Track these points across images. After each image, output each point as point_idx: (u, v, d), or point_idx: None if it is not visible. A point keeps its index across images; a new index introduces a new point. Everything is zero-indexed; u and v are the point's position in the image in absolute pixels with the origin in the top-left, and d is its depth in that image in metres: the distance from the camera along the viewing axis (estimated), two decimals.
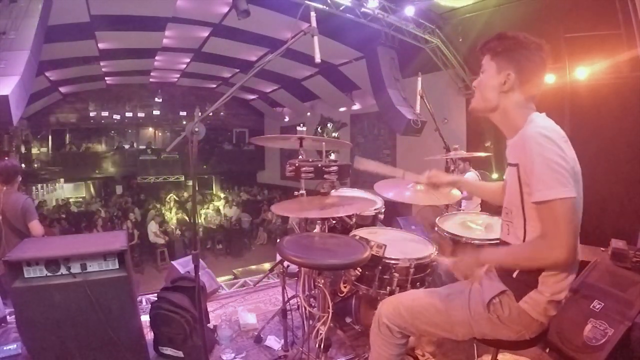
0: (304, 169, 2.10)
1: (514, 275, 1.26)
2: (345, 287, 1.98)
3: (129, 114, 13.04)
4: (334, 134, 11.12)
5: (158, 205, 11.68)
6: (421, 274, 1.90)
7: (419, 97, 3.32)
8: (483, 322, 1.31)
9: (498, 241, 2.04)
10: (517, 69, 1.24)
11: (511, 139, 1.29)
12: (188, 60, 9.98)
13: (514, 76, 1.24)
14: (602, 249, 2.76)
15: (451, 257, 1.41)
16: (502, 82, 1.26)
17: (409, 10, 5.55)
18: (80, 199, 13.49)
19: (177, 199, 12.45)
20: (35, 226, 2.97)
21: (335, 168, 2.13)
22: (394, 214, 3.83)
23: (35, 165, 11.71)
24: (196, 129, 1.42)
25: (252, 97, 13.83)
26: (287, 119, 13.89)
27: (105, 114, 12.70)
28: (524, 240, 1.25)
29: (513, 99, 1.26)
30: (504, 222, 1.38)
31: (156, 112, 13.40)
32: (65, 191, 13.71)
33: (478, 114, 1.37)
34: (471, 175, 4.35)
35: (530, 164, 1.12)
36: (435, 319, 1.37)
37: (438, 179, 1.74)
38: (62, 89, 11.12)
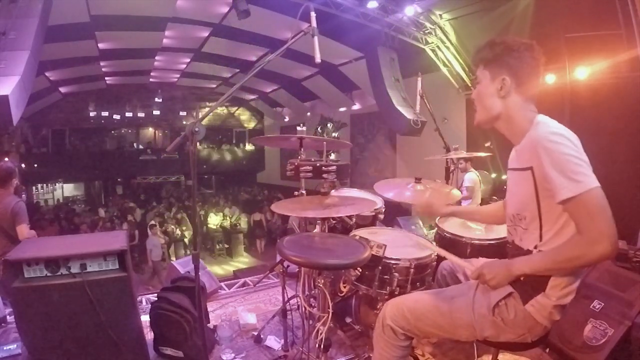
0: (302, 168, 2.10)
1: (522, 277, 1.25)
2: (345, 287, 1.98)
3: (129, 114, 13.06)
4: (334, 134, 11.12)
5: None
6: (421, 274, 1.90)
7: (419, 97, 3.32)
8: (486, 324, 1.30)
9: (498, 241, 2.06)
10: (510, 72, 1.25)
11: (518, 144, 1.28)
12: (188, 60, 9.99)
13: (509, 80, 1.25)
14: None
15: (470, 263, 1.32)
16: (499, 87, 1.27)
17: (409, 11, 5.55)
18: (80, 199, 13.50)
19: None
20: (23, 230, 2.85)
21: (334, 167, 2.13)
22: (394, 214, 3.83)
23: (35, 165, 11.71)
24: (196, 129, 1.42)
25: (252, 97, 13.84)
26: (287, 119, 13.91)
27: (105, 114, 12.72)
28: (539, 244, 1.23)
29: (513, 103, 1.27)
30: (514, 227, 1.34)
31: (156, 112, 13.42)
32: (65, 191, 13.72)
33: (484, 126, 1.37)
34: (471, 175, 4.36)
35: (549, 164, 1.10)
36: (439, 321, 1.37)
37: (434, 209, 1.75)
38: (62, 89, 11.13)
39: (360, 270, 1.85)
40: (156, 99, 13.18)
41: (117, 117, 12.93)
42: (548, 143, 1.11)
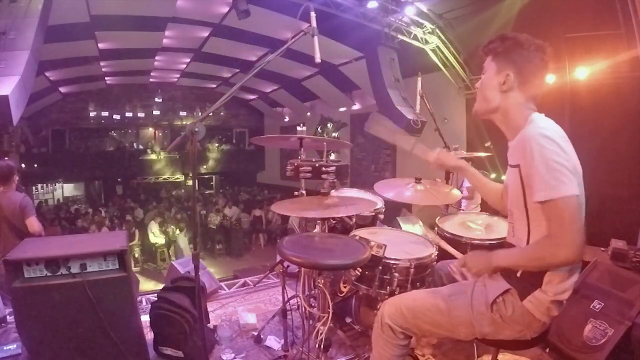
0: (302, 168, 2.11)
1: (518, 274, 1.26)
2: (345, 287, 1.98)
3: (129, 114, 13.04)
4: (334, 134, 11.12)
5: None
6: (421, 274, 1.90)
7: (419, 97, 3.32)
8: (485, 321, 1.30)
9: (499, 241, 2.06)
10: (516, 69, 1.26)
11: (512, 140, 1.29)
12: (188, 60, 9.99)
13: (513, 76, 1.26)
14: (602, 249, 2.76)
15: (459, 254, 1.37)
16: (502, 82, 1.27)
17: (409, 11, 5.55)
18: (80, 199, 13.49)
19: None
20: (33, 222, 2.97)
21: (332, 168, 2.13)
22: (394, 214, 3.82)
23: (35, 165, 11.70)
24: (196, 129, 1.42)
25: (252, 97, 13.83)
26: (287, 119, 13.90)
27: (105, 114, 12.70)
28: (527, 242, 1.25)
29: (513, 99, 1.27)
30: (508, 224, 1.39)
31: (156, 112, 13.40)
32: (65, 191, 13.71)
33: (481, 117, 1.37)
34: None
35: (531, 164, 1.12)
36: (437, 319, 1.37)
37: (445, 160, 1.74)
38: (62, 89, 11.12)
39: (360, 270, 1.85)
40: (156, 99, 13.17)
41: (117, 117, 12.90)
42: (533, 143, 1.13)
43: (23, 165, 10.64)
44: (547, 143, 1.11)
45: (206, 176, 15.21)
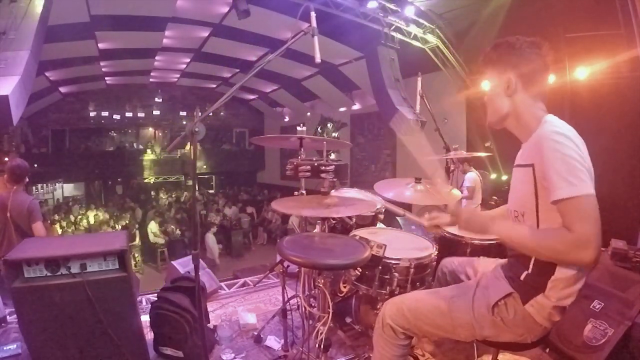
0: (301, 167, 2.11)
1: (522, 277, 1.26)
2: (345, 287, 1.98)
3: (129, 114, 13.03)
4: (334, 134, 11.11)
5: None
6: (421, 274, 1.90)
7: (419, 97, 3.32)
8: (486, 324, 1.30)
9: (499, 241, 2.05)
10: (515, 70, 1.26)
11: (526, 141, 1.28)
12: (188, 60, 9.98)
13: (514, 78, 1.26)
14: (602, 249, 2.75)
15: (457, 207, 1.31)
16: (505, 86, 1.28)
17: (409, 10, 5.56)
18: (80, 199, 13.48)
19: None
20: (39, 227, 2.96)
21: (331, 167, 2.13)
22: (394, 214, 3.82)
23: (35, 165, 11.69)
24: (196, 129, 1.42)
25: (252, 97, 13.83)
26: (287, 119, 13.90)
27: (105, 114, 12.69)
28: None
29: (521, 102, 1.27)
30: None
31: (156, 112, 13.40)
32: (65, 191, 13.70)
33: (496, 127, 1.37)
34: (472, 175, 4.36)
35: (549, 163, 1.10)
36: (438, 321, 1.37)
37: (440, 221, 1.54)
38: (62, 89, 11.11)
39: (360, 270, 1.85)
40: (156, 99, 13.16)
41: (117, 117, 12.89)
42: (550, 142, 1.11)
43: None
44: (565, 141, 1.10)
45: (206, 176, 15.21)
